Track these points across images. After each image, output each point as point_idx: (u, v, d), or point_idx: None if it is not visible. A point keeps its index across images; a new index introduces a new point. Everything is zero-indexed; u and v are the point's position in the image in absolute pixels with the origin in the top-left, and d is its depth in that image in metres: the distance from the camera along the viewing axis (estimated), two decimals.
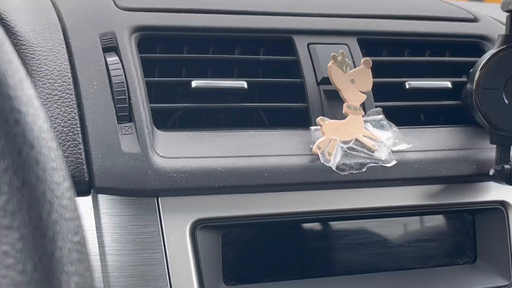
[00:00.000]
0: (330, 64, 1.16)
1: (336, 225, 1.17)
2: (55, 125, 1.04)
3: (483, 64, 1.19)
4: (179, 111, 1.17)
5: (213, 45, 1.24)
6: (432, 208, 1.20)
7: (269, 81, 1.22)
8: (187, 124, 1.21)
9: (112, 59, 1.11)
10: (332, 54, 1.16)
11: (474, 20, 1.41)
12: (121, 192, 1.03)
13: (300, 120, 1.20)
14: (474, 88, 1.19)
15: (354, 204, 1.15)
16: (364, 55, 1.28)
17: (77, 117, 1.05)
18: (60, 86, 1.07)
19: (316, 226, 1.17)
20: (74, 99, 1.06)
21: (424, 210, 1.20)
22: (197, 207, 1.07)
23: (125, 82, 1.09)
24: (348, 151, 1.13)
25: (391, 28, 1.32)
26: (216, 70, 1.22)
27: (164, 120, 1.17)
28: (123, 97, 1.08)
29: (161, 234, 1.04)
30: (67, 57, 1.10)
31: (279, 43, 1.26)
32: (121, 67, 1.10)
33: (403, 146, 1.16)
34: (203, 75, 1.21)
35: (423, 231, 1.22)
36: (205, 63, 1.22)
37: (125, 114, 1.07)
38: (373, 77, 1.19)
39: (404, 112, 1.27)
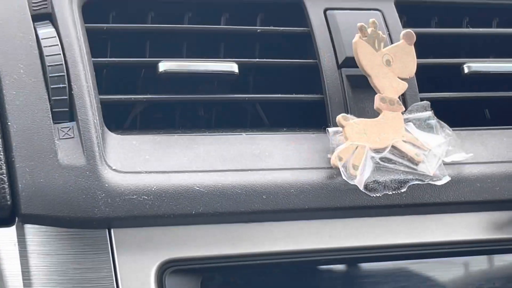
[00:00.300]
0: (356, 38, 1.16)
1: (365, 269, 1.17)
2: None
3: None
4: (140, 105, 1.17)
5: (189, 11, 1.24)
6: (501, 245, 1.20)
7: (269, 62, 1.22)
8: (152, 124, 1.21)
9: (46, 31, 1.11)
10: (359, 24, 1.17)
11: None
12: (58, 221, 1.03)
13: (314, 118, 1.20)
14: None
15: (390, 239, 1.15)
16: (405, 25, 1.29)
17: None
18: None
19: (336, 270, 1.17)
20: None
21: (491, 247, 1.20)
22: (167, 243, 1.07)
23: (63, 64, 1.09)
24: (382, 163, 1.13)
25: None
26: (195, 47, 1.23)
27: (119, 119, 1.17)
28: (61, 85, 1.08)
29: (114, 281, 1.04)
30: None
31: (284, 8, 1.26)
32: (59, 43, 1.10)
33: (460, 156, 1.17)
34: (176, 54, 1.21)
35: (490, 276, 1.22)
36: (178, 37, 1.22)
37: (64, 110, 1.07)
38: (418, 58, 1.20)
39: (462, 107, 1.28)
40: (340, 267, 1.17)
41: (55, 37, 1.11)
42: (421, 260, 1.19)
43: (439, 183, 1.13)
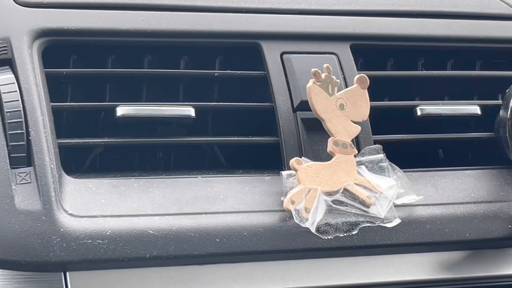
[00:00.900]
0: (310, 84, 1.18)
1: None
2: None
3: None
4: (98, 148, 1.19)
5: (149, 55, 1.27)
6: (450, 284, 1.23)
7: (226, 105, 1.24)
8: (112, 164, 1.23)
9: (5, 77, 1.13)
10: (313, 70, 1.18)
11: None
12: (14, 265, 1.04)
13: (269, 160, 1.22)
14: (508, 116, 1.22)
15: (341, 280, 1.17)
16: (360, 68, 1.31)
17: None
18: None
19: None
20: None
21: (440, 287, 1.22)
22: (122, 285, 1.09)
23: (22, 110, 1.11)
24: (334, 205, 1.15)
25: (399, 30, 1.35)
26: (153, 91, 1.25)
27: (77, 162, 1.19)
28: (19, 131, 1.10)
29: None
30: None
31: (242, 52, 1.29)
32: (17, 89, 1.12)
33: (410, 199, 1.19)
34: (134, 98, 1.23)
35: None
36: (137, 81, 1.25)
37: (22, 156, 1.09)
38: (371, 101, 1.22)
39: (414, 149, 1.31)
40: None
41: (14, 83, 1.12)
42: None
43: (389, 225, 1.15)
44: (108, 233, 1.06)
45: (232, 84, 1.28)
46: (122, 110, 1.17)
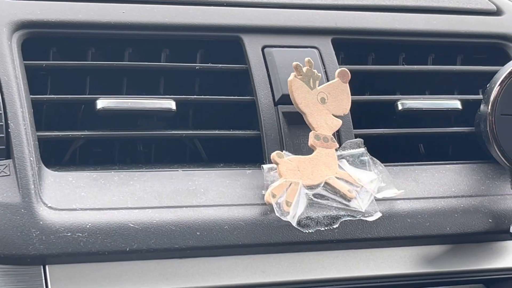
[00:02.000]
0: (291, 77, 1.18)
1: None
2: None
3: (503, 78, 1.23)
4: (78, 141, 1.19)
5: (129, 48, 1.26)
6: (431, 278, 1.23)
7: (207, 99, 1.24)
8: (92, 158, 1.22)
9: None
10: (294, 63, 1.18)
11: (497, 12, 1.45)
12: None
13: (250, 154, 1.22)
14: (489, 111, 1.22)
15: (322, 274, 1.17)
16: (341, 62, 1.31)
17: None
18: None
19: None
20: None
21: (421, 280, 1.23)
22: (102, 278, 1.08)
23: (1, 102, 1.10)
24: (315, 199, 1.15)
25: (380, 25, 1.35)
26: (134, 84, 1.24)
27: (57, 155, 1.18)
28: None
29: None
30: None
31: (223, 45, 1.29)
32: None
33: (391, 192, 1.19)
34: (115, 91, 1.23)
35: None
36: (118, 73, 1.24)
37: (1, 148, 1.08)
38: (352, 95, 1.22)
39: (395, 144, 1.31)
40: None
41: None
42: None
43: (370, 219, 1.15)
44: (88, 226, 1.06)
45: (213, 77, 1.28)
46: (102, 102, 1.16)
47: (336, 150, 1.19)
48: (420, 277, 1.22)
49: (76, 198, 1.08)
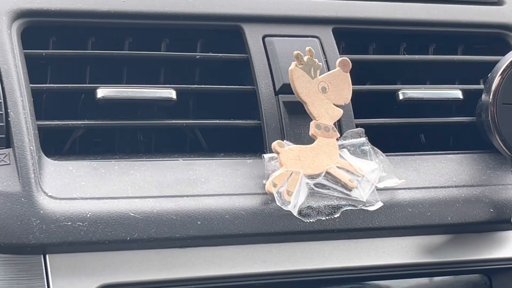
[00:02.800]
0: (292, 66, 1.18)
1: None
2: None
3: (505, 68, 1.23)
4: (79, 130, 1.18)
5: (129, 37, 1.26)
6: (432, 268, 1.23)
7: (208, 88, 1.23)
8: (92, 148, 1.22)
9: None
10: (295, 52, 1.18)
11: (497, 2, 1.45)
12: None
13: (251, 144, 1.22)
14: (490, 101, 1.22)
15: (323, 264, 1.17)
16: (342, 52, 1.31)
17: None
18: None
19: None
20: None
21: (422, 270, 1.23)
22: (102, 268, 1.08)
23: (0, 91, 1.10)
24: (316, 189, 1.15)
25: (381, 14, 1.35)
26: (134, 73, 1.24)
27: (57, 144, 1.18)
28: None
29: None
30: None
31: (224, 35, 1.28)
32: None
33: (392, 182, 1.19)
34: (115, 80, 1.22)
35: None
36: (118, 63, 1.24)
37: (0, 137, 1.08)
38: (353, 84, 1.22)
39: (396, 133, 1.30)
40: None
41: None
42: (353, 285, 1.20)
43: (371, 208, 1.15)
44: (88, 216, 1.05)
45: (214, 67, 1.27)
46: (102, 92, 1.16)
47: (337, 139, 1.19)
48: (421, 267, 1.22)
49: (76, 187, 1.08)
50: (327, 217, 1.13)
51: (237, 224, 1.11)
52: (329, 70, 1.24)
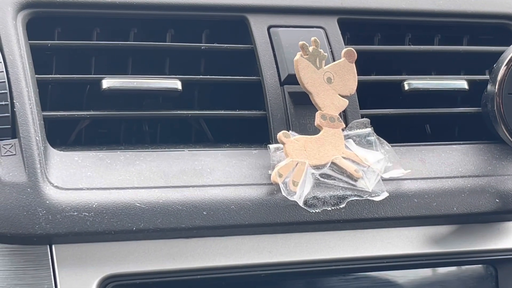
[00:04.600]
0: (297, 57, 1.18)
1: (304, 283, 1.19)
2: None
3: (510, 58, 1.22)
4: (84, 121, 1.18)
5: (135, 27, 1.26)
6: (438, 258, 1.23)
7: (213, 79, 1.23)
8: (97, 138, 1.22)
9: None
10: (301, 42, 1.18)
11: None
12: None
13: (256, 134, 1.22)
14: (496, 91, 1.22)
15: (329, 254, 1.17)
16: (347, 42, 1.31)
17: None
18: None
19: (276, 285, 1.19)
20: None
21: (427, 261, 1.23)
22: (108, 258, 1.08)
23: (6, 81, 1.10)
24: (322, 179, 1.15)
25: (386, 5, 1.35)
26: (139, 64, 1.24)
27: (63, 135, 1.18)
28: (3, 103, 1.08)
29: None
30: None
31: (229, 25, 1.28)
32: (2, 60, 1.11)
33: (398, 172, 1.18)
34: (120, 71, 1.22)
35: None
36: (123, 54, 1.24)
37: (6, 127, 1.08)
38: (359, 75, 1.22)
39: (401, 124, 1.30)
40: (279, 281, 1.19)
41: None
42: (359, 275, 1.21)
43: (377, 199, 1.15)
44: (94, 206, 1.05)
45: (219, 58, 1.27)
46: (108, 82, 1.16)
47: (343, 130, 1.19)
48: (427, 257, 1.23)
49: (82, 178, 1.08)
50: (333, 208, 1.14)
51: (242, 215, 1.11)
52: (334, 60, 1.24)
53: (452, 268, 1.27)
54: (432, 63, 1.37)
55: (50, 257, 1.06)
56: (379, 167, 1.17)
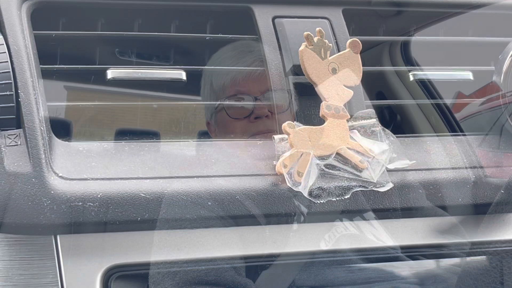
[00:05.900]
0: (302, 47, 1.18)
1: (310, 273, 1.19)
2: None
3: None
4: (90, 111, 1.18)
5: (139, 18, 1.25)
6: (444, 249, 1.23)
7: (217, 69, 1.23)
8: (101, 130, 1.22)
9: None
10: (305, 33, 1.18)
11: None
12: (4, 227, 1.03)
13: None
14: (502, 82, 1.22)
15: (334, 244, 1.17)
16: (352, 33, 1.30)
17: None
18: None
19: (283, 274, 1.19)
20: None
21: (433, 252, 1.22)
22: (113, 248, 1.08)
23: (11, 72, 1.10)
24: (327, 170, 1.15)
25: None
26: (145, 54, 1.24)
27: (68, 125, 1.18)
28: (8, 93, 1.08)
29: (60, 287, 1.05)
30: None
31: (234, 15, 1.28)
32: (6, 50, 1.11)
33: (403, 163, 1.18)
34: (125, 61, 1.22)
35: (430, 281, 1.24)
36: (128, 44, 1.23)
37: (11, 118, 1.08)
38: (364, 65, 1.21)
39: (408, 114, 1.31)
40: (286, 272, 1.18)
41: (3, 44, 1.11)
42: (365, 265, 1.20)
43: (382, 189, 1.15)
44: (99, 196, 1.05)
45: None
46: (112, 73, 1.16)
47: (347, 120, 1.19)
48: (432, 248, 1.22)
49: (87, 168, 1.08)
50: (338, 198, 1.13)
51: (247, 205, 1.10)
52: (339, 51, 1.24)
53: (457, 259, 1.27)
54: (438, 53, 1.37)
55: (55, 247, 1.06)
56: (384, 157, 1.17)
